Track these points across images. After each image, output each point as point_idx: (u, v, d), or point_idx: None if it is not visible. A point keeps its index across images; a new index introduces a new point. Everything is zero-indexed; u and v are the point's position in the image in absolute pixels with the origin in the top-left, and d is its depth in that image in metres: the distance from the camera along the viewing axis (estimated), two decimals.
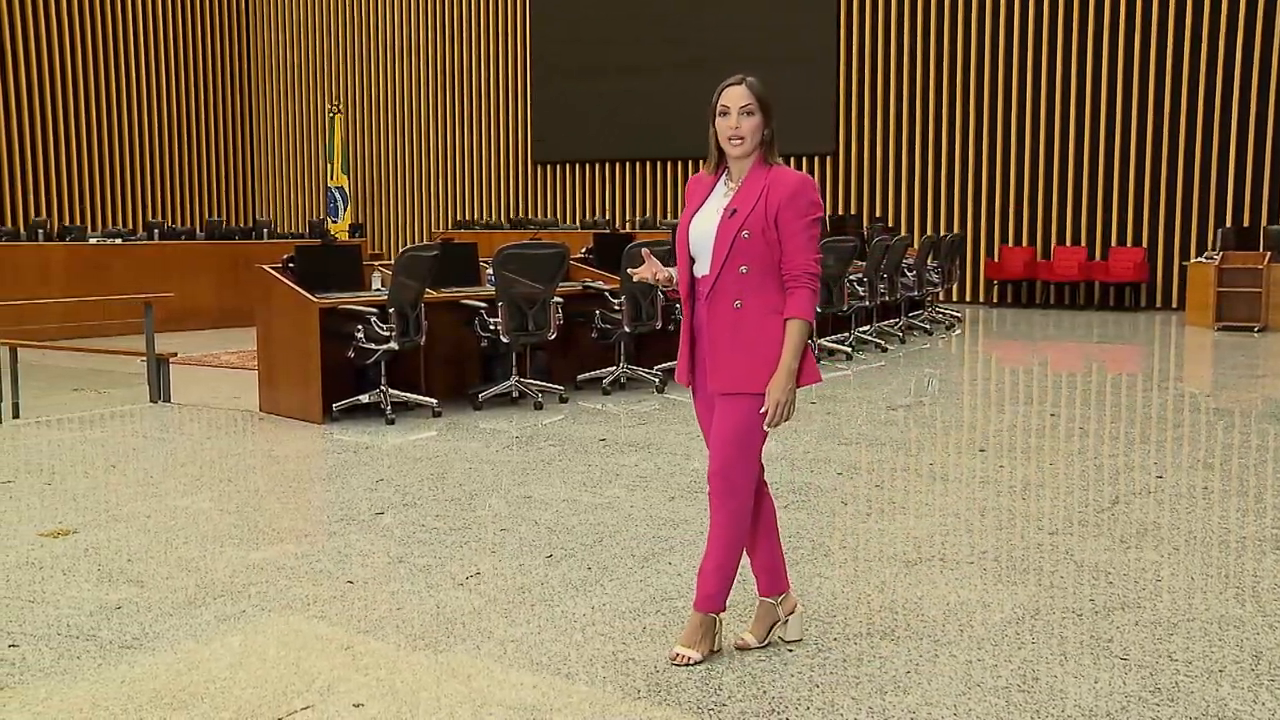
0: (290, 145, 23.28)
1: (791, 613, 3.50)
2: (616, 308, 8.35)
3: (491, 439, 6.84)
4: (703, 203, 3.33)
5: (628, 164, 19.48)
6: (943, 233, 16.41)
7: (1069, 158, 16.39)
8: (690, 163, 18.79)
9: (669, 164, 19.09)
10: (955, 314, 14.58)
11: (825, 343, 10.77)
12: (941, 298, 15.66)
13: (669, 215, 18.73)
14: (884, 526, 4.88)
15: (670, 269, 3.48)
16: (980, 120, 16.94)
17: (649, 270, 3.47)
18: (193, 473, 6.04)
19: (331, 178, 20.12)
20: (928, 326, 13.10)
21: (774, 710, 3.02)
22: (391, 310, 7.24)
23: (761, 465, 3.38)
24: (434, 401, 7.62)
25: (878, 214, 17.57)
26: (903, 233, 15.95)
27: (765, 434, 3.29)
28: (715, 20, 18.26)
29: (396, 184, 22.06)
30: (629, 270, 3.49)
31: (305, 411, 7.40)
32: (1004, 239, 17.00)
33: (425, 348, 7.73)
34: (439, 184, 21.60)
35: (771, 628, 3.49)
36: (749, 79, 3.24)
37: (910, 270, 12.73)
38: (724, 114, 3.23)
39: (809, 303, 3.22)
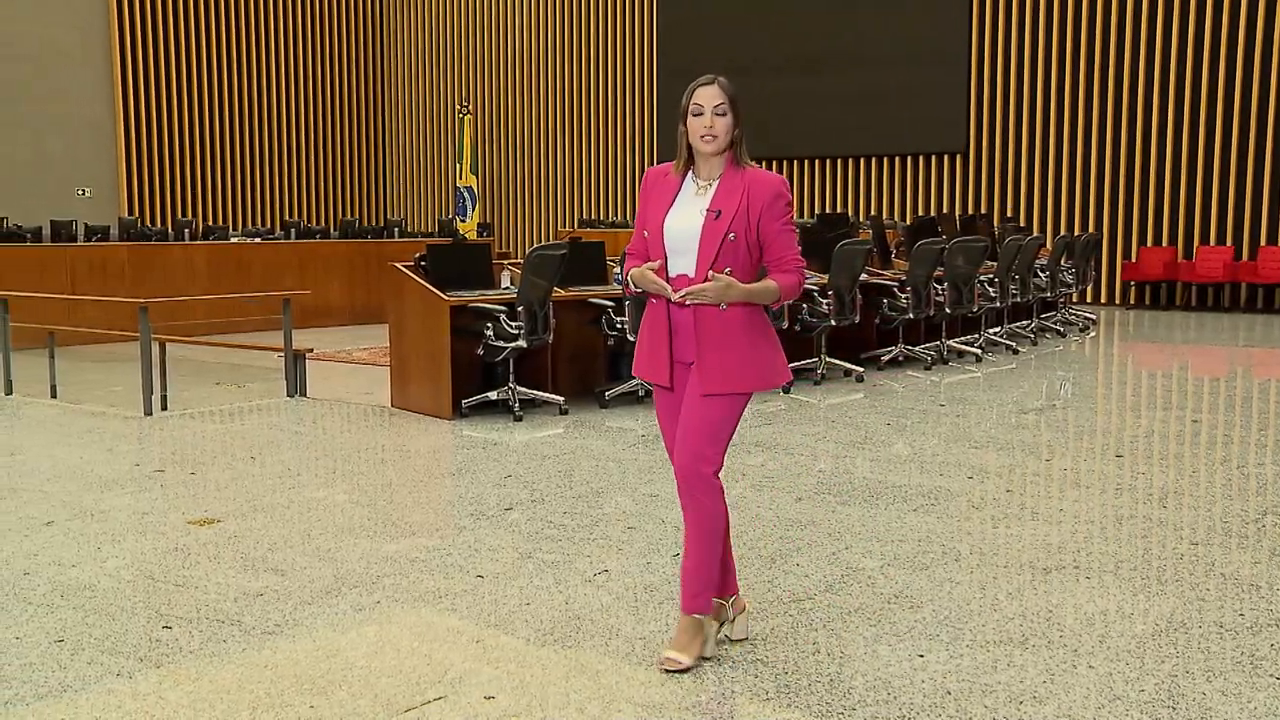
0: (421, 146, 23.77)
1: (740, 613, 3.53)
2: None
3: (618, 437, 6.88)
4: (673, 199, 3.32)
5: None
6: (1077, 233, 15.95)
7: (1215, 153, 15.76)
8: (817, 162, 18.63)
9: (794, 163, 18.95)
10: (1089, 316, 14.17)
11: (954, 344, 10.56)
12: (1075, 299, 15.23)
13: (799, 215, 18.58)
14: (1016, 532, 4.77)
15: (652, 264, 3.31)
16: (1119, 116, 16.41)
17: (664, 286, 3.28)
18: (328, 466, 6.21)
19: (460, 178, 20.50)
20: (1060, 328, 12.76)
21: (905, 717, 2.97)
22: (520, 308, 7.34)
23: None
24: (561, 399, 7.70)
25: (1009, 214, 17.17)
26: (1035, 233, 15.55)
27: (734, 430, 3.32)
28: (841, 21, 18.06)
29: (524, 183, 22.36)
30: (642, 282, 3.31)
31: (436, 407, 7.55)
32: (1142, 239, 16.45)
33: (553, 346, 7.82)
34: (565, 183, 21.82)
35: (720, 627, 3.48)
36: (720, 79, 3.27)
37: (1043, 271, 12.42)
38: (697, 113, 3.25)
39: (796, 284, 3.27)
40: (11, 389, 8.61)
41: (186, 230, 14.81)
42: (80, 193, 18.93)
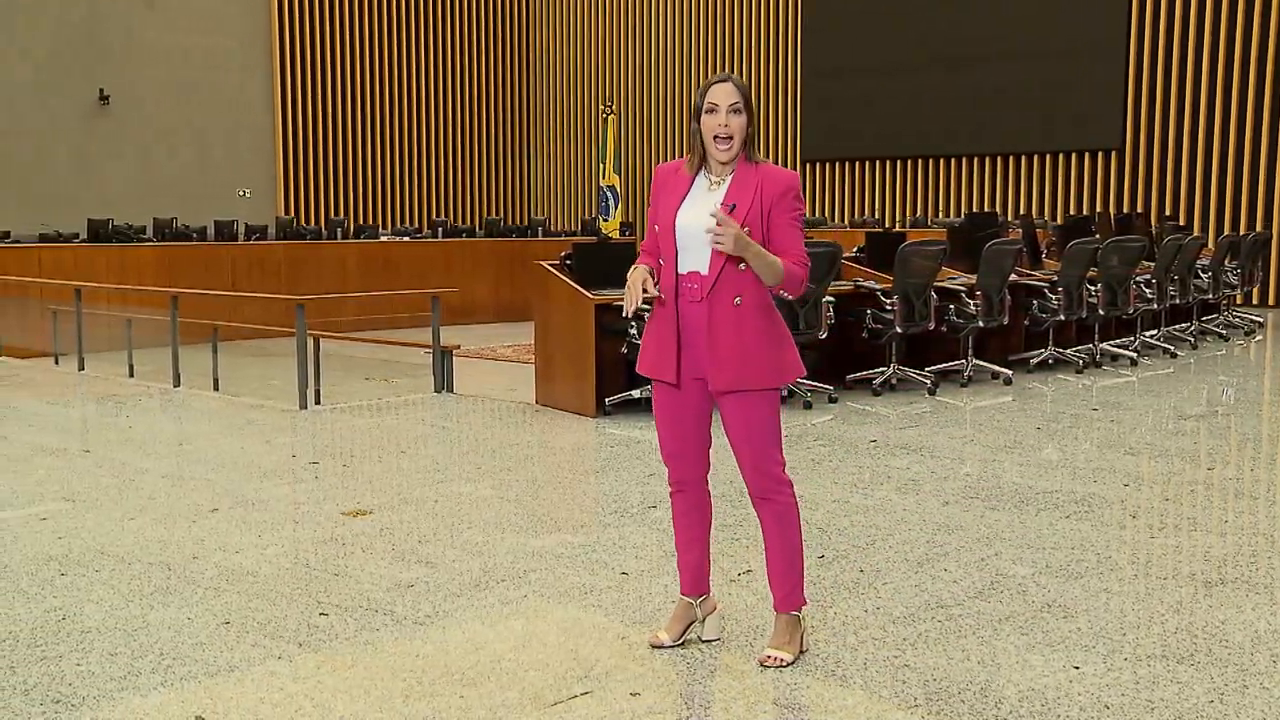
0: (565, 146, 24.07)
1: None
2: (889, 307, 8.20)
3: None
4: (685, 196, 3.28)
5: (896, 161, 19.09)
6: (1243, 231, 15.24)
7: None
8: (965, 160, 18.23)
9: (939, 161, 18.56)
10: (1256, 319, 13.52)
11: (1108, 347, 10.20)
12: (1240, 301, 14.57)
13: (939, 214, 18.23)
14: (1178, 543, 4.59)
15: (642, 267, 3.32)
16: None
17: (637, 297, 3.27)
18: (475, 461, 6.34)
19: (604, 177, 20.66)
20: (1223, 332, 12.21)
21: None
22: None
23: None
24: None
25: (1168, 212, 16.51)
26: (1196, 232, 14.92)
27: (780, 424, 3.33)
28: (991, 15, 17.62)
29: None
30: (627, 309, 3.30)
31: (580, 405, 7.63)
32: None
33: None
34: None
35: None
36: (734, 78, 3.25)
37: (1204, 272, 11.91)
38: (712, 111, 3.22)
39: (799, 277, 3.20)
40: (179, 381, 9.01)
41: (339, 229, 15.29)
42: (241, 194, 19.73)
